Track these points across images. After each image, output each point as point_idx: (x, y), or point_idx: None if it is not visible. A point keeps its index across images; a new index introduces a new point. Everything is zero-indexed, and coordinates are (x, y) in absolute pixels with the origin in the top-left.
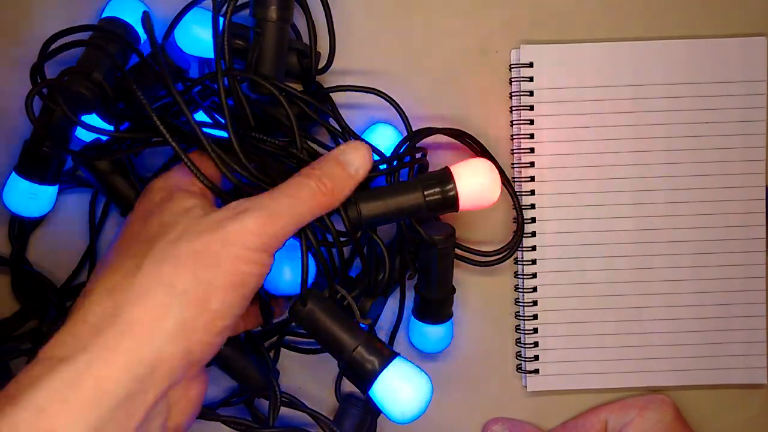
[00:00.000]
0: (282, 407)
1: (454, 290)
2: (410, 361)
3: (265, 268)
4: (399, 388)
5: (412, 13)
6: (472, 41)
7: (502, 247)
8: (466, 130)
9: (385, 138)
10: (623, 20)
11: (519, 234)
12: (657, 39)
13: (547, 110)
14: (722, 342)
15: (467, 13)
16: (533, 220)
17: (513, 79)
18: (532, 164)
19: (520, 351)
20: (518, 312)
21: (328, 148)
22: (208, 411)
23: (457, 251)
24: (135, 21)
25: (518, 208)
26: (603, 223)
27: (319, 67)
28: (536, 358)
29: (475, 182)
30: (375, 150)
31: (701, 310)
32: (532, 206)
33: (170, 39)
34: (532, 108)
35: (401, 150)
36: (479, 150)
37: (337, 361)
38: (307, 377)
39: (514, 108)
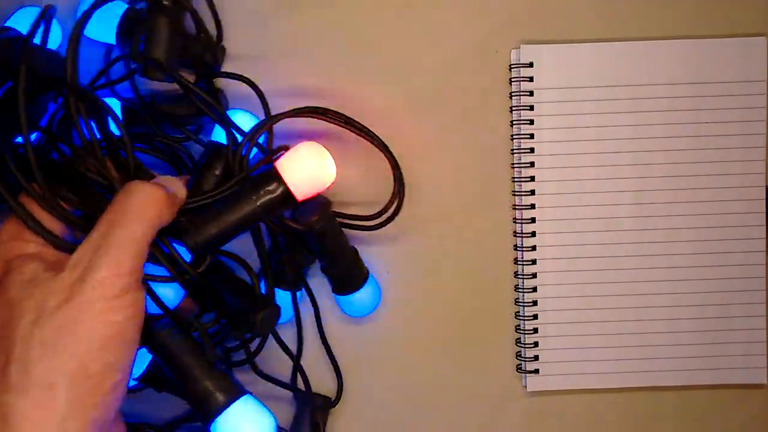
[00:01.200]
0: None
1: (355, 252)
2: (259, 401)
3: (137, 305)
4: (241, 427)
5: (412, 13)
6: (472, 41)
7: (380, 210)
8: (328, 107)
9: (243, 125)
10: (623, 20)
11: (397, 192)
12: (657, 39)
13: (547, 110)
14: (722, 342)
15: (467, 12)
16: (533, 220)
17: (513, 79)
18: (532, 164)
19: (520, 351)
20: (518, 312)
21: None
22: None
23: (341, 221)
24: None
25: (396, 171)
26: (603, 223)
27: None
28: (536, 358)
29: (303, 169)
30: (239, 131)
31: (701, 310)
32: (532, 206)
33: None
34: (532, 108)
35: (254, 132)
36: (344, 124)
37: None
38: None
39: (514, 108)
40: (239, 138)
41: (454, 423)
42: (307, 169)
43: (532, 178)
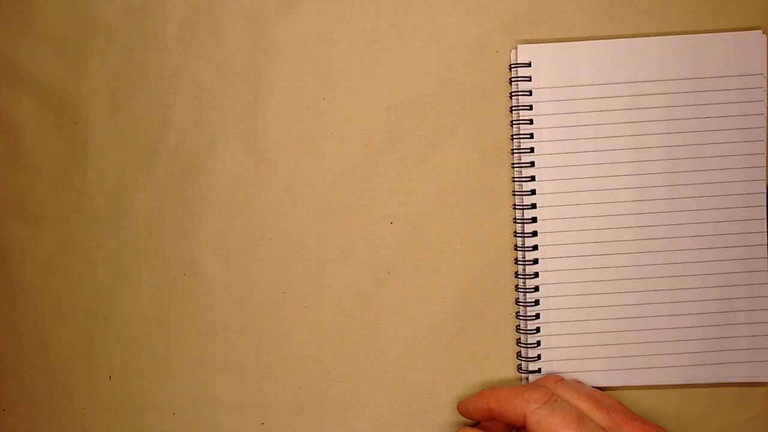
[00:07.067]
0: None
1: None
2: None
3: None
4: None
5: (412, 13)
6: (472, 41)
7: None
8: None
9: None
10: (620, 17)
11: None
12: (654, 35)
13: (545, 109)
14: (726, 337)
15: (467, 12)
16: (534, 219)
17: (513, 79)
18: (532, 164)
19: (521, 350)
20: (518, 312)
21: None
22: None
23: None
24: None
25: None
26: (604, 221)
27: None
28: (539, 357)
29: None
30: None
31: (704, 306)
32: (533, 206)
33: None
34: (531, 108)
35: None
36: None
37: None
38: None
39: (513, 108)
40: None
41: (455, 423)
42: None
43: (533, 178)
